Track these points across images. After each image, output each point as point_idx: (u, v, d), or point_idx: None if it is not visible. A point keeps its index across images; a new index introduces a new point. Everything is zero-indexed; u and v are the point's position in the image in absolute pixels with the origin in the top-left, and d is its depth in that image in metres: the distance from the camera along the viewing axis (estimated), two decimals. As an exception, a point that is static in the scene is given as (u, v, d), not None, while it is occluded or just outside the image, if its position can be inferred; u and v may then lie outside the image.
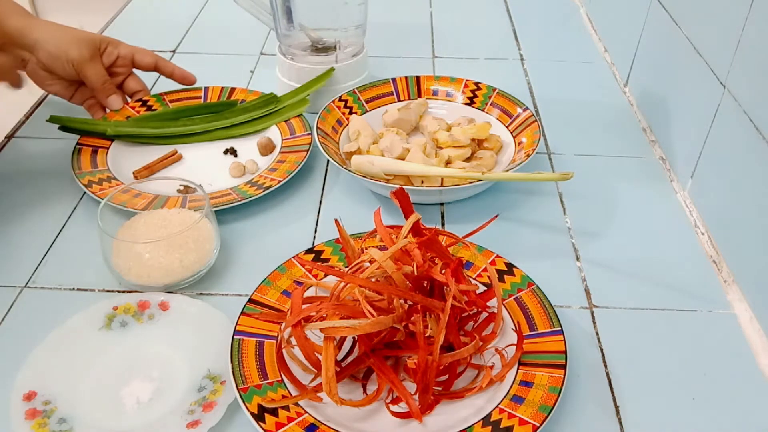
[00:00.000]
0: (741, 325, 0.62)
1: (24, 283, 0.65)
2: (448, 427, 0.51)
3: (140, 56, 0.85)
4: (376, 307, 0.51)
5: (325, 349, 0.50)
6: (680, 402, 0.56)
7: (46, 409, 0.52)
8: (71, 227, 0.71)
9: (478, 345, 0.53)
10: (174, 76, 0.87)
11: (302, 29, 0.88)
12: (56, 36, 0.78)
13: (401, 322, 0.52)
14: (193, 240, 0.62)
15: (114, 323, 0.59)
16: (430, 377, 0.51)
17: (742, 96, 0.66)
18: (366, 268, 0.53)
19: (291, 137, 0.82)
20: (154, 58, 0.86)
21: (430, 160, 0.75)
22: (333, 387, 0.49)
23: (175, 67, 0.87)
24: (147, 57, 0.85)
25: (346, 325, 0.50)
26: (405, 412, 0.52)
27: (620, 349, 0.60)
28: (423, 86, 0.87)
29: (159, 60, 0.86)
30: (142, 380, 0.55)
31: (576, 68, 1.02)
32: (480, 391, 0.54)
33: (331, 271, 0.56)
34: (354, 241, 0.59)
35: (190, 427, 0.51)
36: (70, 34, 0.79)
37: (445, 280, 0.53)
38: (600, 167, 0.81)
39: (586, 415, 0.55)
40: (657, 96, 0.86)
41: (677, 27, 0.80)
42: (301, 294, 0.53)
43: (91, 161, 0.77)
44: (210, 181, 0.76)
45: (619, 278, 0.67)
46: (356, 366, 0.54)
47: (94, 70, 0.80)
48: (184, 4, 1.18)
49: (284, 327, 0.54)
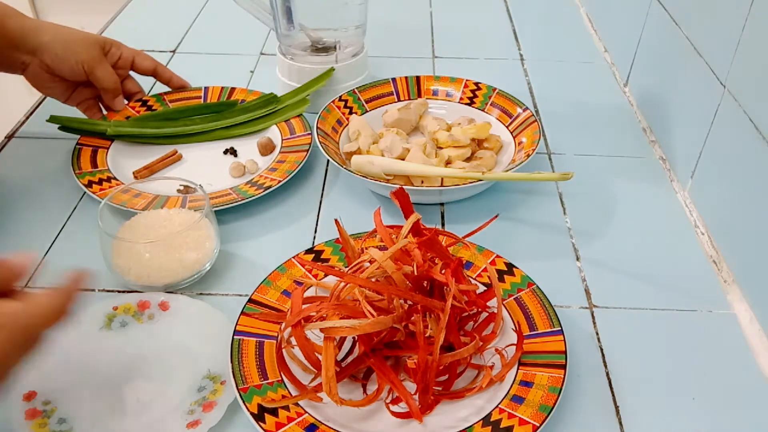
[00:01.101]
0: (741, 325, 0.62)
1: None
2: (448, 427, 0.51)
3: (140, 59, 0.85)
4: (375, 307, 0.51)
5: (325, 349, 0.50)
6: (680, 402, 0.56)
7: (46, 409, 0.52)
8: (71, 227, 0.71)
9: (478, 345, 0.53)
10: (171, 83, 0.87)
11: (302, 29, 0.88)
12: (63, 38, 0.78)
13: (401, 322, 0.52)
14: (193, 240, 0.62)
15: (114, 323, 0.59)
16: (430, 377, 0.51)
17: (742, 96, 0.66)
18: (366, 268, 0.53)
19: (291, 137, 0.82)
20: (154, 63, 0.86)
21: (430, 160, 0.75)
22: (333, 387, 0.49)
23: (174, 75, 0.87)
24: (147, 61, 0.85)
25: (346, 325, 0.50)
26: (405, 412, 0.52)
27: (620, 349, 0.60)
28: (423, 86, 0.87)
29: (158, 66, 0.86)
30: (142, 380, 0.55)
31: (576, 68, 1.02)
32: (480, 391, 0.54)
33: (331, 271, 0.56)
34: (354, 241, 0.59)
35: (190, 427, 0.51)
36: (76, 35, 0.79)
37: (445, 280, 0.53)
38: (600, 167, 0.81)
39: (586, 415, 0.55)
40: (657, 96, 0.86)
41: (677, 27, 0.80)
42: (301, 294, 0.53)
43: (91, 161, 0.77)
44: (210, 181, 0.76)
45: (619, 278, 0.67)
46: (356, 366, 0.54)
47: (105, 71, 0.80)
48: (184, 4, 1.18)
49: (284, 327, 0.54)
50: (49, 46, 0.77)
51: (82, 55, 0.78)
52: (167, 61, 1.02)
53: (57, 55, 0.77)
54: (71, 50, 0.78)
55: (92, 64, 0.79)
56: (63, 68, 0.78)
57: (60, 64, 0.78)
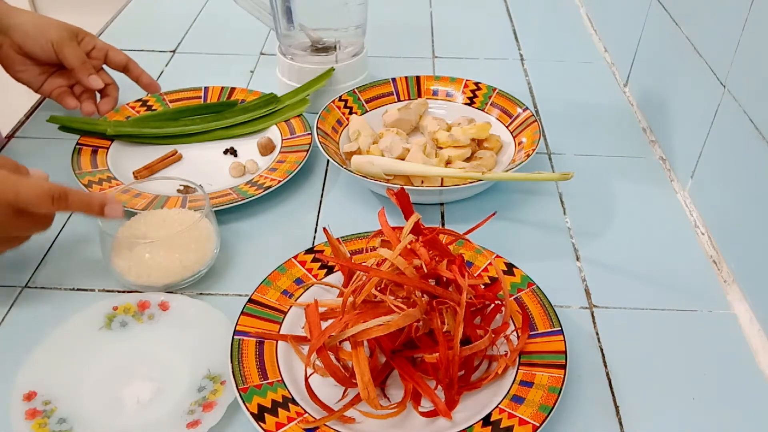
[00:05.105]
0: (741, 325, 0.62)
1: (24, 283, 0.65)
2: (448, 427, 0.51)
3: (113, 53, 0.86)
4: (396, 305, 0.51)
5: (355, 355, 0.50)
6: (680, 402, 0.56)
7: (46, 409, 0.52)
8: (71, 227, 0.71)
9: (492, 336, 0.53)
10: (140, 81, 0.87)
11: (302, 29, 0.88)
12: (35, 20, 0.80)
13: (426, 315, 0.52)
14: (193, 240, 0.62)
15: (114, 323, 0.59)
16: (453, 372, 0.51)
17: (742, 96, 0.66)
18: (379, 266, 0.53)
19: (291, 137, 0.82)
20: (126, 58, 0.86)
21: (430, 160, 0.75)
22: (371, 391, 0.49)
23: (143, 73, 0.87)
24: (119, 56, 0.86)
25: (378, 323, 0.49)
26: (431, 411, 0.52)
27: (620, 349, 0.60)
28: (423, 86, 0.87)
29: (130, 62, 0.87)
30: (142, 380, 0.55)
31: (576, 68, 1.02)
32: (496, 378, 0.54)
33: (357, 266, 0.55)
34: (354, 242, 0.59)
35: (190, 427, 0.51)
36: (49, 19, 0.81)
37: (453, 276, 0.53)
38: (600, 167, 0.81)
39: (586, 415, 0.55)
40: (657, 96, 0.86)
41: (677, 27, 0.80)
42: (316, 312, 0.53)
43: (91, 161, 0.77)
44: (210, 181, 0.76)
45: (619, 278, 0.67)
46: (385, 372, 0.55)
47: (73, 50, 0.81)
48: (184, 4, 1.18)
49: (309, 351, 0.53)
50: (21, 27, 0.79)
51: (52, 35, 0.80)
52: (167, 61, 1.02)
53: (27, 34, 0.79)
54: (41, 30, 0.80)
55: (61, 43, 0.80)
56: (34, 47, 0.80)
57: (31, 43, 0.80)
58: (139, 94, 0.88)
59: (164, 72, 0.99)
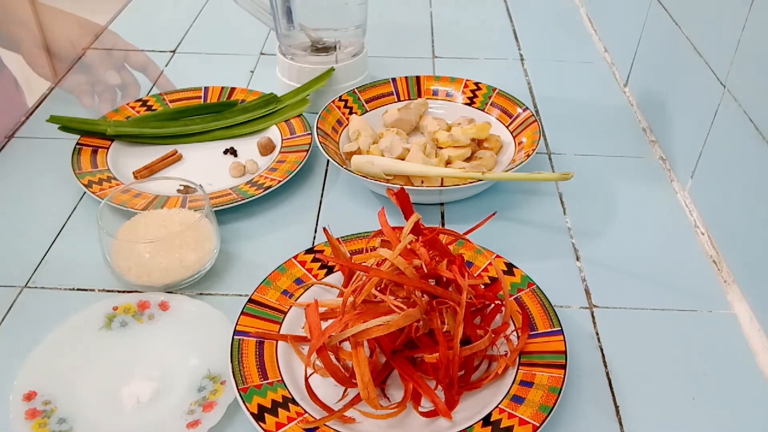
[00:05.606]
0: (741, 325, 0.62)
1: (24, 283, 0.65)
2: (448, 427, 0.51)
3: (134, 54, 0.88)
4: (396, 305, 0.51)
5: (355, 355, 0.50)
6: (680, 402, 0.56)
7: (46, 409, 0.52)
8: (71, 227, 0.71)
9: (492, 336, 0.53)
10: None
11: (302, 29, 0.88)
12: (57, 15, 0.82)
13: (426, 315, 0.52)
14: (193, 240, 0.62)
15: (114, 323, 0.59)
16: (453, 372, 0.51)
17: (742, 96, 0.66)
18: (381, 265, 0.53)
19: (291, 137, 0.82)
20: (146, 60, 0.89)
21: (430, 160, 0.75)
22: (371, 392, 0.49)
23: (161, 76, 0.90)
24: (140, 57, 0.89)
25: (378, 323, 0.49)
26: (431, 411, 0.52)
27: (620, 349, 0.60)
28: (423, 86, 0.87)
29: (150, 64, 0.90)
30: (142, 380, 0.55)
31: (576, 68, 1.02)
32: (496, 378, 0.54)
33: (357, 266, 0.55)
34: (354, 242, 0.59)
35: (190, 427, 0.51)
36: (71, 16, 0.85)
37: (453, 276, 0.53)
38: (600, 167, 0.81)
39: (586, 415, 0.55)
40: (657, 96, 0.86)
41: (677, 27, 0.80)
42: (316, 312, 0.53)
43: (91, 161, 0.77)
44: (210, 181, 0.76)
45: (619, 278, 0.67)
46: (385, 372, 0.55)
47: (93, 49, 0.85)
48: (184, 4, 1.18)
49: (309, 351, 0.53)
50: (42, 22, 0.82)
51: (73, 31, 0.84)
52: (167, 61, 1.02)
53: (49, 29, 0.82)
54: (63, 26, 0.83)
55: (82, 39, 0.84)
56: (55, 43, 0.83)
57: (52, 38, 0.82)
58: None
59: (164, 72, 0.99)
